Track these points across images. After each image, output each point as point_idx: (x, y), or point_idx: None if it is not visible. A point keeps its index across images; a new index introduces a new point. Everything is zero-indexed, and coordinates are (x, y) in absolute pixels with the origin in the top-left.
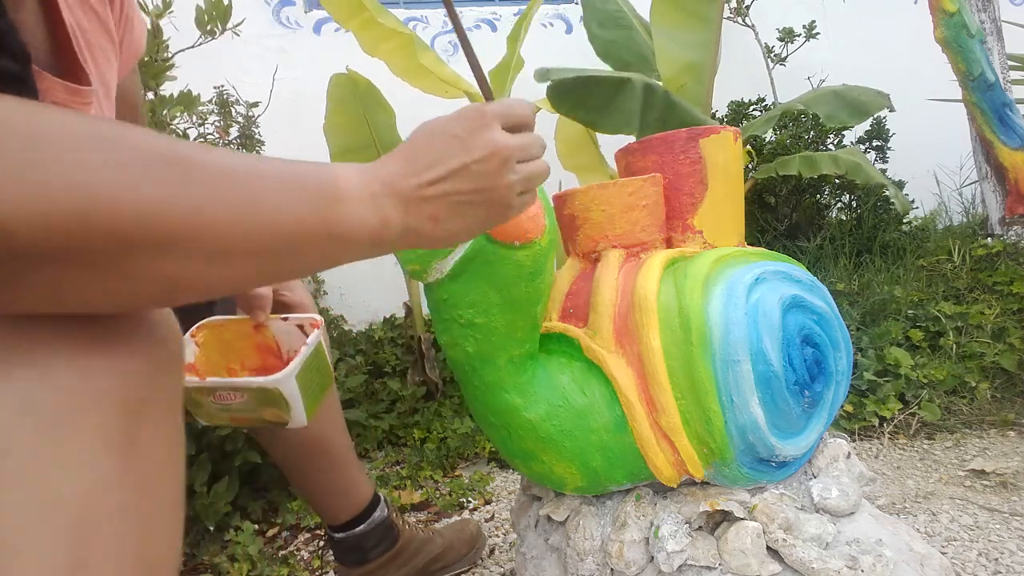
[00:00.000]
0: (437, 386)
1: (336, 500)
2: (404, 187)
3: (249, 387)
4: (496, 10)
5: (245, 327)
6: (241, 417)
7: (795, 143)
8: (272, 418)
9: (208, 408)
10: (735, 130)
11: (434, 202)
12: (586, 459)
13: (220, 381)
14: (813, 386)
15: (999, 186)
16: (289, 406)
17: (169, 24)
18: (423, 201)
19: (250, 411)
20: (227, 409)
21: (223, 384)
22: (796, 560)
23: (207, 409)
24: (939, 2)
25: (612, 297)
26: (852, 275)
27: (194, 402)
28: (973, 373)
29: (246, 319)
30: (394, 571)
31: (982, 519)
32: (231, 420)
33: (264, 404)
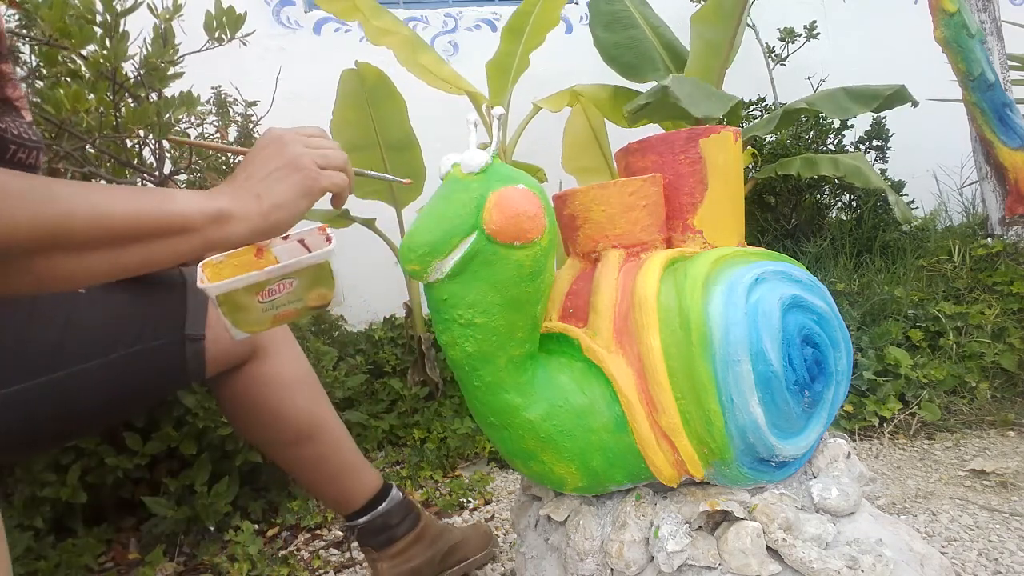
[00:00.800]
0: (437, 386)
1: (349, 483)
2: (227, 188)
3: (303, 267)
4: (496, 10)
5: (246, 257)
6: (284, 312)
7: (795, 143)
8: (316, 302)
9: (253, 312)
10: (735, 130)
11: (250, 184)
12: (586, 459)
13: (275, 268)
14: (813, 386)
15: (999, 186)
16: (333, 280)
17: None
18: (243, 189)
19: (296, 300)
20: (272, 307)
21: (279, 271)
22: (796, 560)
23: (252, 314)
24: (939, 2)
25: (612, 297)
26: (852, 275)
27: (237, 307)
28: (973, 373)
29: (246, 248)
30: (422, 552)
31: (982, 519)
32: (273, 320)
33: (312, 286)
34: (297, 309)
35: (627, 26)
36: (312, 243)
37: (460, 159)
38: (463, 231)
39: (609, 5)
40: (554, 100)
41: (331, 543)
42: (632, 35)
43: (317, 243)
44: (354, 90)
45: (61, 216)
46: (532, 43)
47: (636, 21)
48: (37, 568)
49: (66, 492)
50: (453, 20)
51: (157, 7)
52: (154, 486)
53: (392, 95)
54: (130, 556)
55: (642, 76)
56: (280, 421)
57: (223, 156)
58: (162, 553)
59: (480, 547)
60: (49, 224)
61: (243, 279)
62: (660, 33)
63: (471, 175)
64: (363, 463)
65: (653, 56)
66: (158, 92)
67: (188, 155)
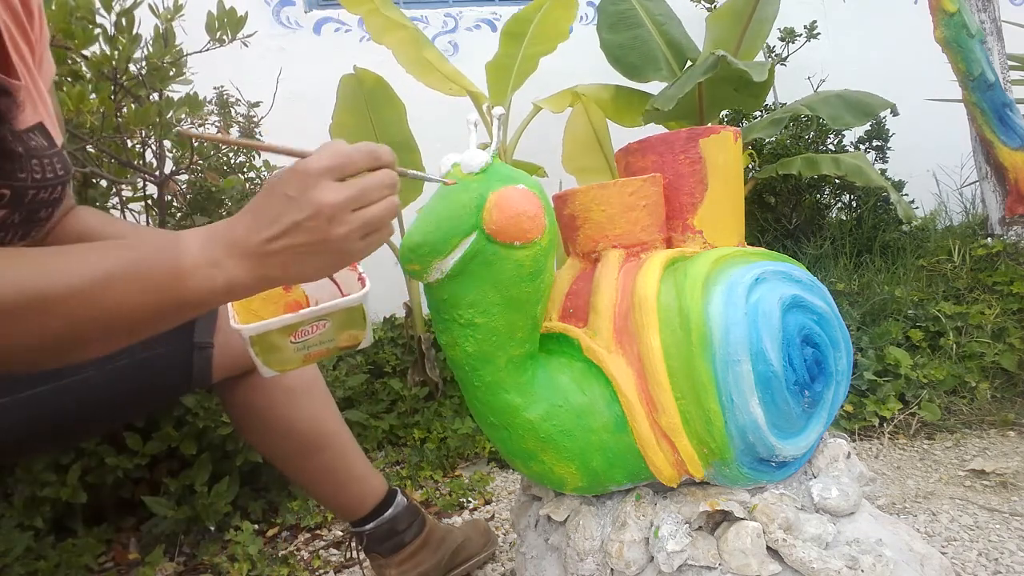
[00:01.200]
0: (437, 386)
1: (355, 489)
2: (250, 244)
3: (337, 310)
4: (496, 10)
5: (275, 290)
6: (315, 352)
7: (795, 143)
8: (347, 342)
9: (285, 351)
10: (735, 130)
11: (279, 254)
12: (586, 459)
13: (309, 311)
14: (813, 386)
15: (999, 186)
16: (366, 323)
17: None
18: (269, 254)
19: (327, 341)
20: (304, 347)
21: (311, 314)
22: (796, 560)
23: (284, 354)
24: (939, 2)
25: (612, 297)
26: (852, 275)
27: (270, 347)
28: (973, 373)
29: None
30: (428, 556)
31: (982, 519)
32: (304, 359)
33: (344, 327)
34: (328, 349)
35: (632, 25)
36: (341, 279)
37: (460, 159)
38: (463, 231)
39: (615, 5)
40: (555, 100)
41: (331, 543)
42: (636, 34)
43: (346, 278)
44: (352, 94)
45: (66, 328)
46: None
47: (641, 20)
48: (37, 568)
49: (66, 492)
50: (453, 20)
51: (158, 7)
52: (154, 486)
53: (391, 99)
54: (130, 556)
55: (644, 76)
56: (288, 428)
57: (224, 157)
58: (162, 553)
59: (482, 545)
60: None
61: (278, 321)
62: (665, 31)
63: (471, 175)
64: (369, 470)
65: (656, 55)
66: (159, 92)
67: (189, 155)
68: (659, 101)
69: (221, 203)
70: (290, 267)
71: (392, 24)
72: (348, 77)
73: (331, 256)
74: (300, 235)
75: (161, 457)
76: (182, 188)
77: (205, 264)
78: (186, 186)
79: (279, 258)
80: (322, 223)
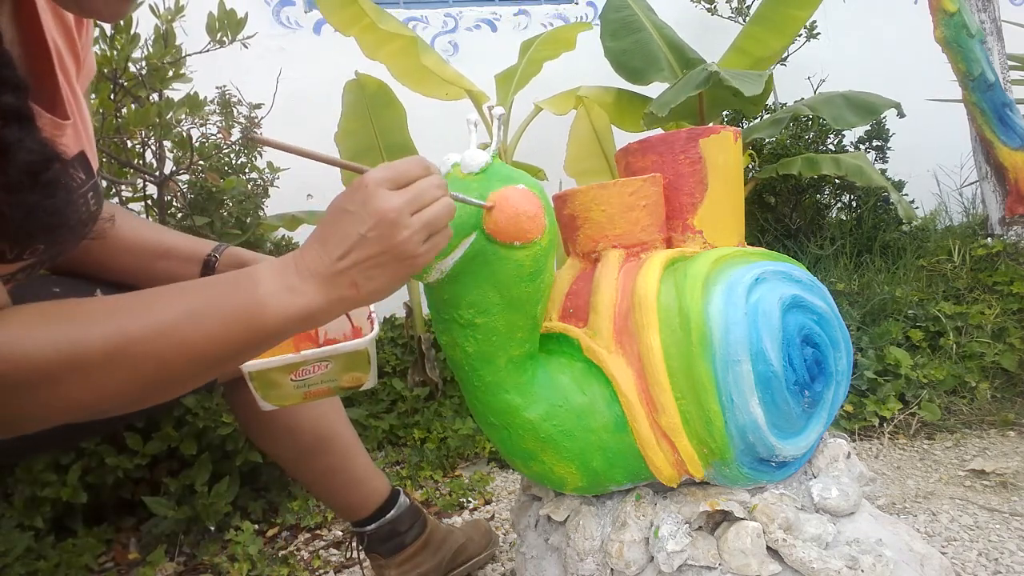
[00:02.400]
0: (437, 386)
1: (359, 490)
2: (320, 267)
3: (340, 353)
4: (496, 10)
5: None
6: (316, 390)
7: (795, 143)
8: (349, 383)
9: (284, 388)
10: (735, 130)
11: (349, 272)
12: (586, 459)
13: (312, 352)
14: (813, 386)
15: (999, 186)
16: (370, 366)
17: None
18: (339, 274)
19: (329, 381)
20: (304, 385)
21: (314, 355)
22: (796, 560)
23: (283, 390)
24: (939, 2)
25: (612, 297)
26: (852, 275)
27: (270, 383)
28: (973, 373)
29: None
30: (429, 558)
31: (982, 519)
32: (304, 396)
33: (347, 369)
34: (330, 388)
35: (633, 30)
36: (354, 313)
37: (460, 159)
38: (463, 231)
39: (617, 13)
40: (558, 102)
41: (331, 543)
42: (638, 39)
43: (358, 314)
44: (356, 100)
45: (155, 370)
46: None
47: (642, 24)
48: (37, 568)
49: (66, 492)
50: (453, 20)
51: (158, 8)
52: (154, 486)
53: (392, 103)
54: (130, 556)
55: (647, 78)
56: (292, 429)
57: (225, 157)
58: (162, 553)
59: (482, 546)
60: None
61: (279, 360)
62: (666, 34)
63: (471, 175)
64: (373, 471)
65: (658, 57)
66: (159, 93)
67: (189, 155)
68: (655, 106)
69: (221, 203)
70: (360, 284)
71: (386, 37)
72: (351, 83)
73: (398, 264)
74: (366, 247)
75: (161, 457)
76: (182, 188)
77: (281, 292)
78: (186, 186)
79: (349, 276)
80: (385, 230)
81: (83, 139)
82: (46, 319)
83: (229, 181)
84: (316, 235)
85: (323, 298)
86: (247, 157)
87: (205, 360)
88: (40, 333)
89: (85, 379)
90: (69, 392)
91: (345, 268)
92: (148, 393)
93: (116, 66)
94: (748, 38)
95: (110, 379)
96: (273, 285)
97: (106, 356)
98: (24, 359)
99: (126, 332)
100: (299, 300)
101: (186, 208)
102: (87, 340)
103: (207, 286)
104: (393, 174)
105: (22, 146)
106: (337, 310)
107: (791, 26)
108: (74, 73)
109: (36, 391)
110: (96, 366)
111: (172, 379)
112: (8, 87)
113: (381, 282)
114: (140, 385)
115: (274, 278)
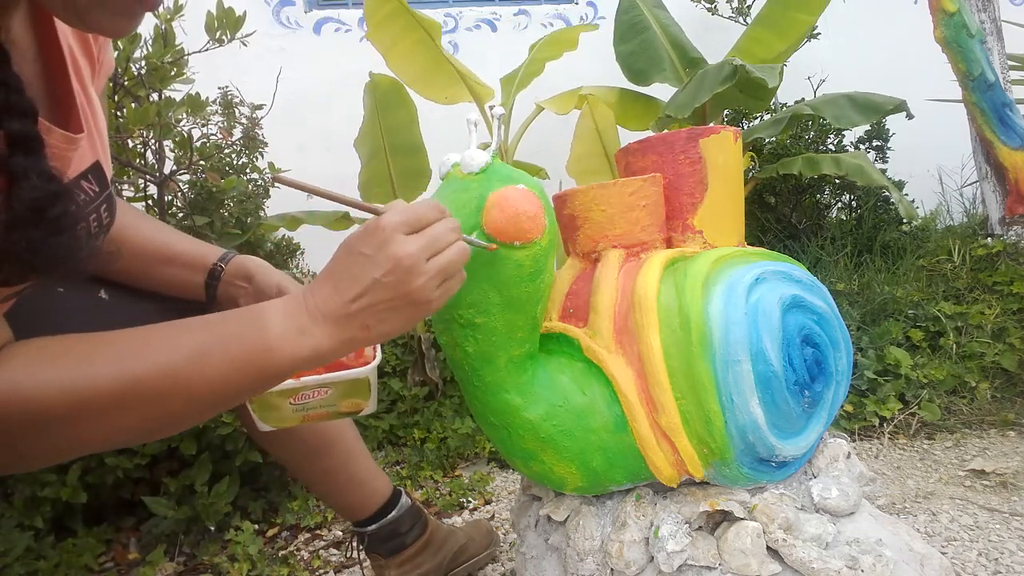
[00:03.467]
0: (437, 386)
1: (360, 491)
2: (332, 308)
3: (340, 380)
4: (496, 10)
5: None
6: (314, 414)
7: (795, 143)
8: (348, 408)
9: (282, 411)
10: (735, 130)
11: (361, 315)
12: (586, 459)
13: (311, 379)
14: (813, 386)
15: (999, 186)
16: (370, 393)
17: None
18: (351, 316)
19: (328, 406)
20: (303, 408)
21: (314, 382)
22: (796, 560)
23: (281, 412)
24: (939, 2)
25: (612, 297)
26: (852, 275)
27: (268, 406)
28: (973, 373)
29: None
30: (429, 558)
31: (982, 519)
32: (303, 419)
33: (347, 395)
34: (328, 412)
35: (639, 31)
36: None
37: (460, 159)
38: (463, 231)
39: (626, 15)
40: (559, 102)
41: (331, 543)
42: (644, 39)
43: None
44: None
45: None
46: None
47: (648, 24)
48: (37, 568)
49: (66, 492)
50: (453, 20)
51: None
52: (154, 486)
53: (404, 102)
54: (130, 556)
55: (649, 79)
56: (294, 429)
57: (225, 158)
58: (162, 553)
59: (483, 546)
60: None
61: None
62: (670, 33)
63: (471, 175)
64: (374, 471)
65: (662, 57)
66: (159, 92)
67: (189, 155)
68: (672, 108)
69: (221, 203)
70: (371, 327)
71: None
72: (367, 84)
73: (410, 309)
74: (380, 292)
75: (161, 457)
76: (182, 188)
77: (291, 333)
78: (186, 186)
79: (361, 319)
80: (401, 276)
81: (98, 148)
82: (52, 359)
83: (229, 181)
84: (328, 274)
85: (334, 340)
86: (247, 157)
87: (213, 400)
88: (46, 374)
89: (92, 420)
90: (77, 433)
91: (357, 311)
92: (153, 432)
93: (117, 66)
94: (751, 40)
95: (117, 420)
96: (282, 327)
97: (113, 397)
98: (32, 401)
99: (134, 374)
100: (309, 342)
101: (186, 208)
102: (94, 382)
103: (215, 325)
104: (409, 218)
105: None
106: (344, 351)
107: (795, 29)
108: (89, 76)
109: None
110: (103, 407)
111: (178, 418)
112: (16, 113)
113: (393, 325)
114: (146, 425)
115: (284, 320)
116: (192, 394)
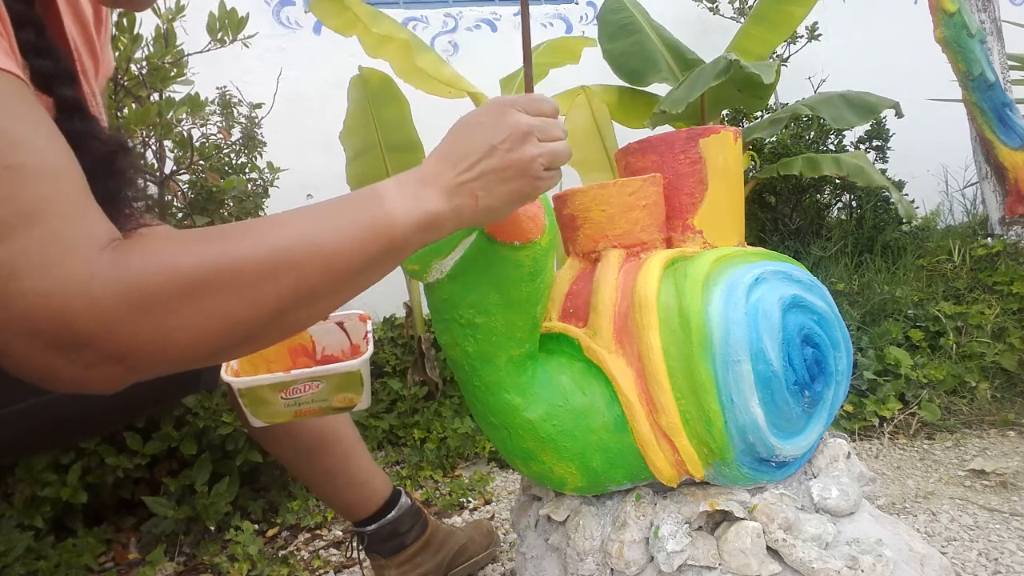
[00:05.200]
0: (437, 386)
1: (360, 491)
2: (443, 179)
3: (332, 374)
4: (496, 10)
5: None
6: (307, 409)
7: (796, 143)
8: (342, 403)
9: (275, 406)
10: (735, 130)
11: (472, 183)
12: (586, 459)
13: (302, 372)
14: (813, 386)
15: (999, 186)
16: (363, 387)
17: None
18: (461, 185)
19: (320, 400)
20: (295, 403)
21: (304, 375)
22: (796, 560)
23: (273, 407)
24: (939, 2)
25: (612, 297)
26: (852, 275)
27: (259, 400)
28: (973, 373)
29: None
30: (429, 558)
31: (982, 519)
32: (295, 415)
33: (339, 390)
34: (321, 408)
35: (631, 32)
36: (350, 327)
37: None
38: (463, 231)
39: (615, 15)
40: (560, 101)
41: (331, 543)
42: (636, 40)
43: (354, 328)
44: (359, 96)
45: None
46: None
47: (640, 26)
48: (37, 568)
49: (66, 492)
50: (453, 20)
51: (159, 8)
52: (154, 486)
53: (395, 97)
54: (130, 556)
55: (645, 80)
56: (294, 429)
57: (225, 158)
58: (162, 553)
59: (483, 546)
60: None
61: (269, 378)
62: (663, 35)
63: None
64: (374, 471)
65: (657, 58)
66: (160, 92)
67: (189, 155)
68: (667, 104)
69: (222, 203)
70: (481, 197)
71: (385, 40)
72: (354, 79)
73: (519, 182)
74: (496, 158)
75: (161, 457)
76: (183, 188)
77: (405, 200)
78: (187, 186)
79: (471, 187)
80: (516, 143)
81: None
82: (187, 238)
83: (229, 181)
84: (438, 152)
85: (445, 205)
86: (247, 157)
87: (346, 272)
88: (193, 247)
89: (238, 291)
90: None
91: (468, 180)
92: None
93: (117, 66)
94: (747, 36)
95: (258, 292)
96: (397, 195)
97: (256, 266)
98: (180, 269)
99: (272, 244)
100: (424, 205)
101: (186, 208)
102: (239, 251)
103: (335, 202)
104: (527, 102)
105: (94, 139)
106: (455, 220)
107: (788, 23)
108: (92, 73)
109: (191, 302)
110: (247, 278)
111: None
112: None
113: (500, 198)
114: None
115: (398, 188)
116: (328, 263)
